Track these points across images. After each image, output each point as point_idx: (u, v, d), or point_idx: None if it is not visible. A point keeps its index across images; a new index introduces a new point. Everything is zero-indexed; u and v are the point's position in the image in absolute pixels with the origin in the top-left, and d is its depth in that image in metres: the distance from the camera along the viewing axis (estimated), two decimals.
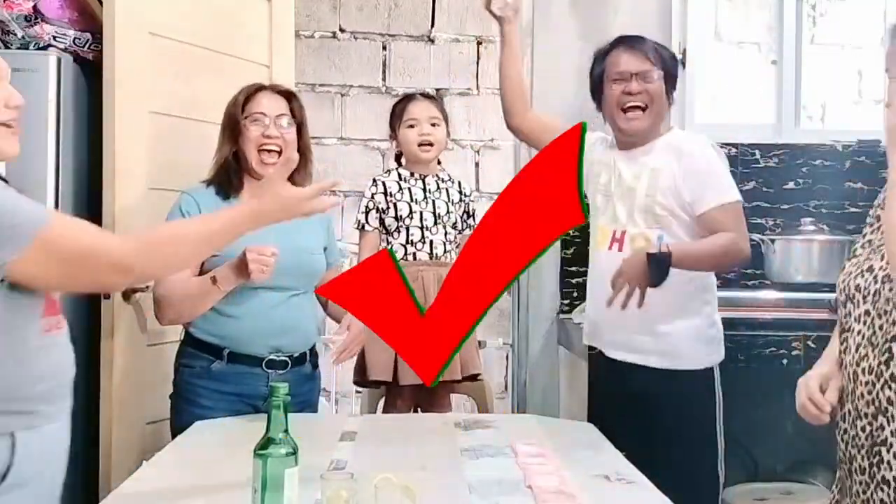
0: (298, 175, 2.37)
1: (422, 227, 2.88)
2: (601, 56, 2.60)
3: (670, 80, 2.55)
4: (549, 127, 2.63)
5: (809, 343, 2.93)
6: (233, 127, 2.45)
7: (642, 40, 2.57)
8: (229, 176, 2.45)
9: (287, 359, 2.39)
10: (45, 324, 1.62)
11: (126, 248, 1.67)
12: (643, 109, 2.50)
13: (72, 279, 1.65)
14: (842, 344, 1.86)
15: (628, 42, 2.56)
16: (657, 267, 2.33)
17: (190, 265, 2.19)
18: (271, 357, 2.38)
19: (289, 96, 2.51)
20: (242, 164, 2.46)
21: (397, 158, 3.02)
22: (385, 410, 2.95)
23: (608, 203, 2.56)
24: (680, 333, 2.50)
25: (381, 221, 2.90)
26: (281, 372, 2.36)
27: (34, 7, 2.69)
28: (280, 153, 2.40)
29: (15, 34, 2.67)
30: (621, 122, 2.53)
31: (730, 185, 2.49)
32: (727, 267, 2.57)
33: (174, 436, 2.28)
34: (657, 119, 2.54)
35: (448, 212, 2.92)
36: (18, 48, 2.65)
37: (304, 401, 2.47)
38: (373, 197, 2.90)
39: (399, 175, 2.93)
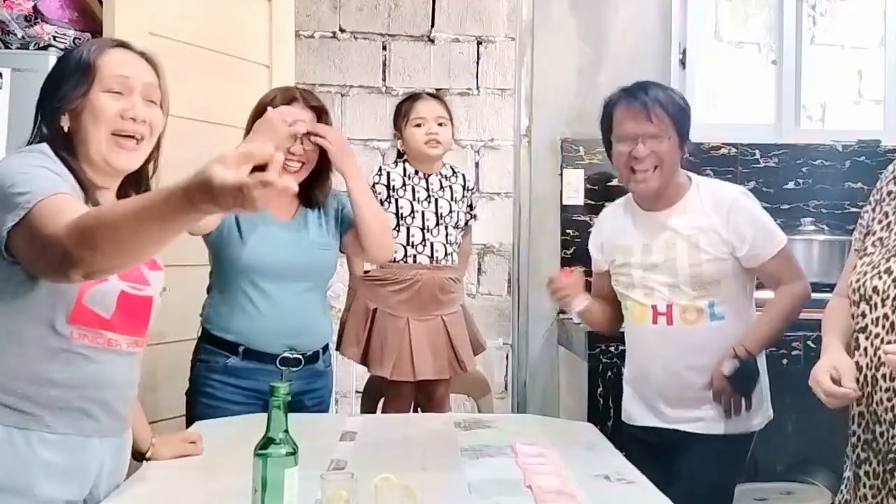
0: (318, 187, 2.50)
1: (423, 229, 2.85)
2: (608, 107, 2.45)
3: (682, 131, 2.40)
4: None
5: (809, 343, 2.93)
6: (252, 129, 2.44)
7: (646, 92, 2.38)
8: None
9: (301, 357, 2.44)
10: (75, 332, 1.58)
11: (64, 235, 1.41)
12: (654, 168, 2.37)
13: (36, 266, 1.50)
14: (854, 341, 1.85)
15: (631, 98, 2.39)
16: (742, 376, 2.31)
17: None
18: (285, 354, 2.42)
19: (319, 112, 2.51)
20: None
21: (400, 157, 2.97)
22: (384, 410, 2.95)
23: (639, 276, 2.43)
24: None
25: None
26: (294, 369, 2.41)
27: (34, 7, 2.69)
28: (303, 165, 2.45)
29: (15, 34, 2.67)
30: (631, 184, 2.42)
31: (774, 230, 2.41)
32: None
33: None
34: (669, 176, 2.39)
35: (451, 211, 2.88)
36: (18, 48, 2.66)
37: (318, 398, 2.51)
38: (374, 186, 2.82)
39: (404, 170, 2.88)
